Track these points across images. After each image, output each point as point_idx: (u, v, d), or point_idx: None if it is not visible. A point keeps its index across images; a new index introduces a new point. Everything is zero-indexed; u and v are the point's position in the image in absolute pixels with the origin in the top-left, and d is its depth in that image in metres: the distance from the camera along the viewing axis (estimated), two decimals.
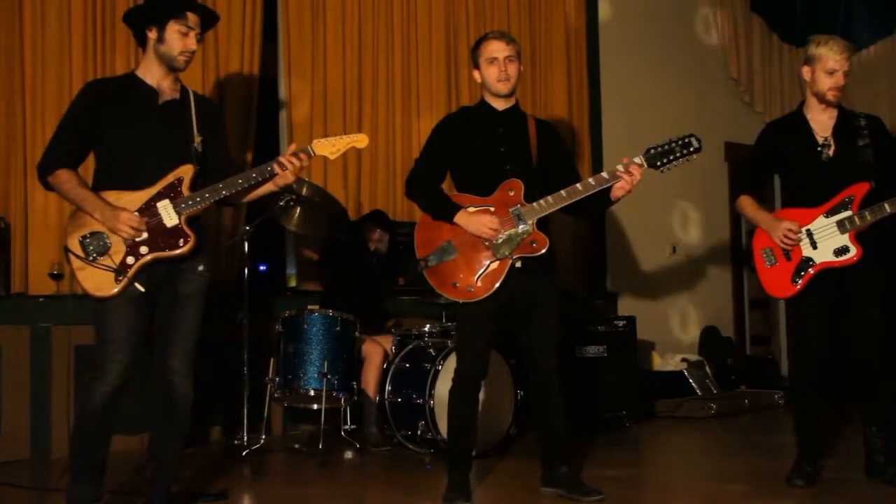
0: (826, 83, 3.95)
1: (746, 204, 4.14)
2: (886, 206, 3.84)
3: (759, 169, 4.21)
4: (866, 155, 3.93)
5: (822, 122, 4.02)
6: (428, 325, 5.32)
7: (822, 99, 4.00)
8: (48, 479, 4.22)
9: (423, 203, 3.86)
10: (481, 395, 3.87)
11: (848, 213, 3.91)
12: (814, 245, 3.94)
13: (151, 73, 3.46)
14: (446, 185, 3.96)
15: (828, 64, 3.93)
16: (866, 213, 3.87)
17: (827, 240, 3.93)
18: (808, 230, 3.96)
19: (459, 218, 3.72)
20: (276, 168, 3.46)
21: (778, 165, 4.13)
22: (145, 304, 3.39)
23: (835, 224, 3.92)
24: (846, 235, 3.90)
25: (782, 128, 4.14)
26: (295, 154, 3.50)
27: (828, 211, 3.94)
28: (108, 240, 3.30)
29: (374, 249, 5.67)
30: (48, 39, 5.12)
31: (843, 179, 3.93)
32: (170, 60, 3.42)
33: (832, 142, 3.98)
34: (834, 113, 4.02)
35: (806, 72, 4.02)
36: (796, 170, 4.05)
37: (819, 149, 3.97)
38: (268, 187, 3.57)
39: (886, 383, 3.98)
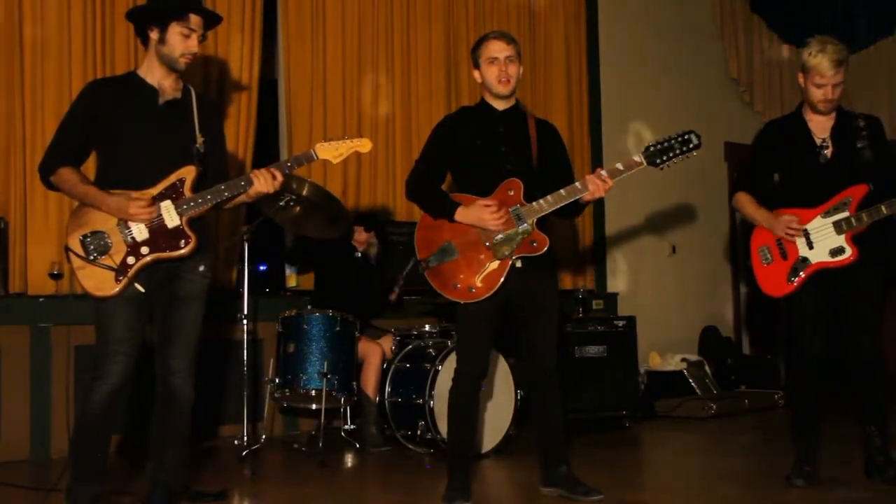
0: (815, 95, 3.96)
1: (745, 202, 4.13)
2: (883, 207, 3.85)
3: (758, 167, 4.20)
4: (864, 156, 3.93)
5: (820, 122, 4.02)
6: (428, 325, 5.32)
7: (813, 108, 4.01)
8: (48, 479, 4.21)
9: (423, 203, 3.85)
10: (481, 395, 3.87)
11: (845, 215, 3.91)
12: (810, 245, 3.95)
13: (153, 73, 3.45)
14: (446, 185, 3.95)
15: (815, 78, 3.92)
16: (863, 214, 3.88)
17: (823, 240, 3.94)
18: (805, 230, 3.96)
19: (460, 214, 3.71)
20: (252, 178, 3.44)
21: (776, 165, 4.13)
22: (146, 305, 3.39)
23: (831, 225, 3.93)
24: (842, 236, 3.91)
25: (781, 128, 4.14)
26: (280, 165, 3.49)
27: (825, 211, 3.95)
28: (108, 239, 3.31)
29: (364, 251, 5.66)
30: (48, 39, 5.12)
31: (841, 181, 3.94)
32: (171, 61, 3.42)
33: (830, 143, 3.98)
34: (832, 114, 4.03)
35: (800, 78, 4.02)
36: (794, 170, 4.06)
37: (817, 150, 3.98)
38: (241, 198, 3.53)
39: (885, 383, 3.99)
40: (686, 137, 3.81)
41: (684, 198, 7.87)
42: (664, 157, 3.79)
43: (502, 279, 3.70)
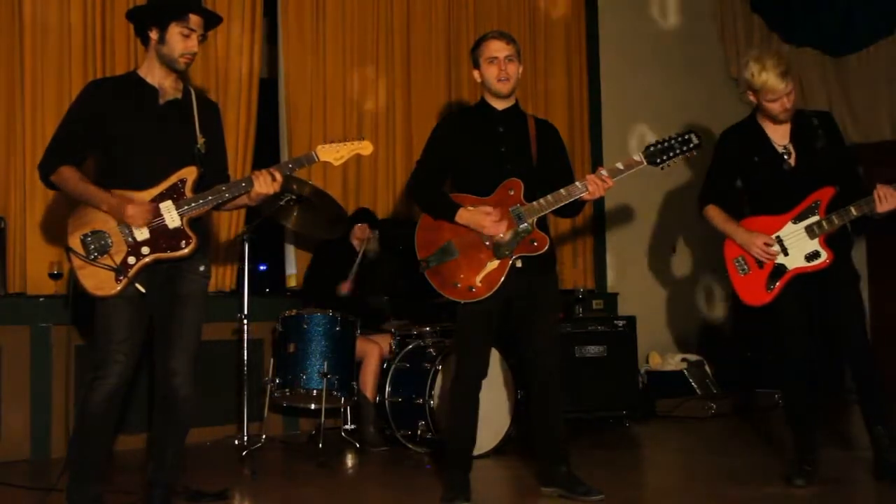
0: (773, 109, 3.99)
1: (715, 215, 4.15)
2: (853, 209, 3.87)
3: (723, 178, 4.20)
4: (826, 157, 3.97)
5: (778, 129, 4.06)
6: (428, 326, 5.31)
7: (773, 120, 4.02)
8: (48, 479, 4.21)
9: (424, 204, 3.86)
10: (481, 395, 3.87)
11: (816, 218, 3.94)
12: (785, 251, 3.97)
13: (153, 73, 3.46)
14: (446, 185, 3.95)
15: (767, 95, 3.95)
16: (834, 217, 3.90)
17: (797, 246, 3.96)
18: (777, 237, 3.98)
19: (460, 216, 3.72)
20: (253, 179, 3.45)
21: (741, 174, 4.14)
22: (146, 305, 3.39)
23: (804, 230, 3.95)
24: (816, 240, 3.93)
25: (740, 137, 4.15)
26: (281, 166, 3.49)
27: (795, 217, 3.97)
28: (109, 239, 3.30)
29: (361, 248, 5.64)
30: (48, 39, 5.12)
31: (808, 185, 3.96)
32: (170, 62, 3.42)
33: (792, 150, 4.01)
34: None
35: (751, 96, 4.03)
36: (760, 179, 4.07)
37: (779, 159, 4.00)
38: (242, 200, 3.55)
39: (883, 379, 3.98)
40: (686, 137, 3.83)
41: (684, 197, 7.87)
42: (664, 157, 3.80)
43: (502, 279, 3.70)
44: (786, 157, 4.01)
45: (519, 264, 3.74)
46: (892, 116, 7.80)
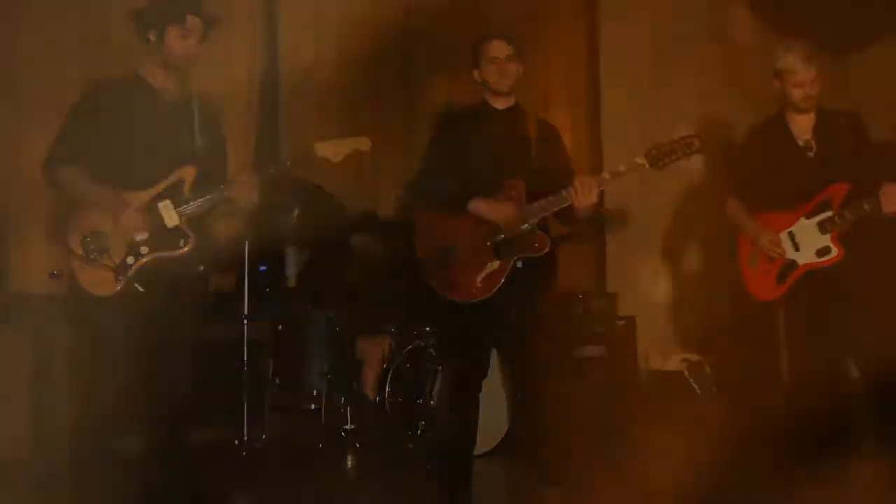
0: (796, 95, 4.00)
1: (736, 209, 4.15)
2: (865, 204, 3.86)
3: (745, 172, 4.21)
4: (846, 155, 3.96)
5: (801, 123, 4.06)
6: (428, 326, 5.31)
7: (796, 109, 4.02)
8: (48, 479, 4.21)
9: (429, 202, 3.85)
10: (481, 395, 3.87)
11: (828, 214, 3.94)
12: (796, 247, 3.97)
13: (154, 74, 3.48)
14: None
15: (791, 78, 3.97)
16: (846, 212, 3.89)
17: (809, 241, 3.96)
18: (789, 232, 3.98)
19: (476, 205, 3.70)
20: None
21: (761, 168, 4.14)
22: (145, 304, 3.39)
23: (816, 225, 3.95)
24: (827, 236, 3.93)
25: (763, 131, 4.16)
26: (280, 164, 3.52)
27: (808, 212, 3.97)
28: (108, 239, 3.31)
29: (361, 254, 5.66)
30: (48, 39, 5.11)
31: (824, 181, 3.95)
32: (169, 63, 3.43)
33: (813, 144, 4.01)
34: (813, 114, 4.05)
35: (777, 85, 4.03)
36: (778, 173, 4.07)
37: (800, 152, 4.00)
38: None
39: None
40: (688, 140, 3.82)
41: (685, 197, 7.86)
42: (666, 159, 3.79)
43: (503, 279, 3.70)
44: (808, 152, 4.02)
45: (520, 265, 3.73)
46: (892, 116, 7.80)
